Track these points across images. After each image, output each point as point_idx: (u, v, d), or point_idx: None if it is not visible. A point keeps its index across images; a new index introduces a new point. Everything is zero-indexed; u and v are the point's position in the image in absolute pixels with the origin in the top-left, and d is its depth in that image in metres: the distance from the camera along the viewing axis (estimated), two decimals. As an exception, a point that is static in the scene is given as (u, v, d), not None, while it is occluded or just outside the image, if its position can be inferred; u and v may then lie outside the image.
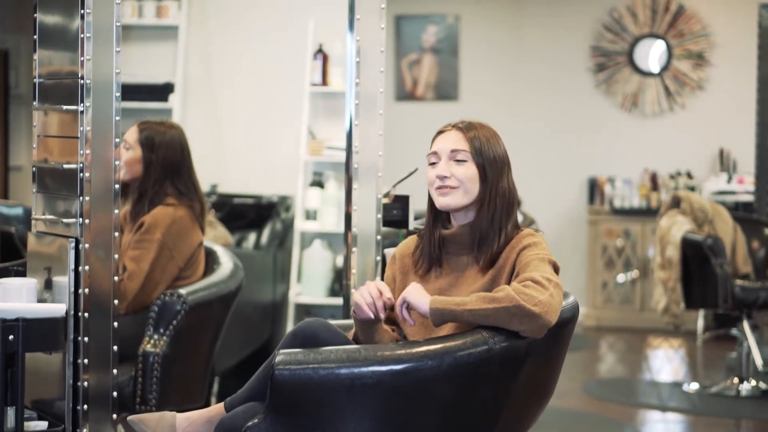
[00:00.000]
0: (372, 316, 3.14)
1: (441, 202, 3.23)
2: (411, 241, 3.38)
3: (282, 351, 2.96)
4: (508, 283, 3.10)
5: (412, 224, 4.12)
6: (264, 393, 3.04)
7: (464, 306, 3.00)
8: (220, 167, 7.18)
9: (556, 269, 3.12)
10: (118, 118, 3.60)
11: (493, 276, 3.17)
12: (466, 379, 2.95)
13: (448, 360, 2.92)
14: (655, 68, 10.15)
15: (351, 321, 3.28)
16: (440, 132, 3.29)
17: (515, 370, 3.02)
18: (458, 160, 3.22)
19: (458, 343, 2.95)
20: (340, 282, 6.82)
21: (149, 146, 4.49)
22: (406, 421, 2.94)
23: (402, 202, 4.10)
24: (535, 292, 2.98)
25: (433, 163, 3.26)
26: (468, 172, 3.21)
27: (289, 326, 6.76)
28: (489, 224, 3.21)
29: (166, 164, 4.50)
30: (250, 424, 2.97)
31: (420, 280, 3.27)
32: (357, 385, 2.89)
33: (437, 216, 3.29)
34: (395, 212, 4.10)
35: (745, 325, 6.98)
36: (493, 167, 3.22)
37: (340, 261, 6.92)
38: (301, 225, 6.93)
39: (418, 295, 3.08)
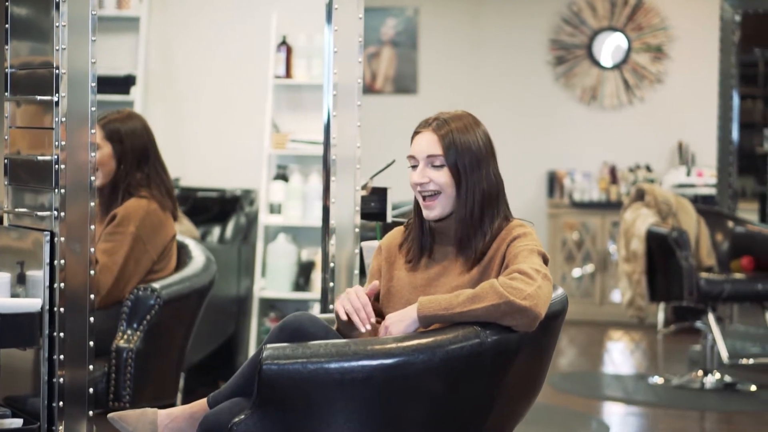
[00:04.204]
0: (363, 330, 3.09)
1: (427, 215, 3.18)
2: (397, 232, 3.34)
3: (269, 345, 2.90)
4: (498, 274, 3.06)
5: (390, 216, 4.07)
6: (249, 388, 2.98)
7: (453, 310, 2.96)
8: (183, 160, 7.09)
9: (546, 260, 3.09)
10: (93, 108, 3.55)
11: (483, 267, 3.13)
12: (457, 373, 2.91)
13: (440, 354, 2.88)
14: (614, 61, 10.17)
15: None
16: (417, 132, 3.22)
17: (507, 364, 2.99)
18: (435, 166, 3.17)
19: (450, 337, 2.91)
20: (305, 276, 6.77)
21: (117, 139, 4.39)
22: (396, 416, 2.90)
23: (380, 194, 4.06)
24: (522, 284, 2.94)
25: (413, 166, 3.21)
26: (446, 177, 3.16)
27: (254, 321, 6.70)
28: (470, 218, 3.16)
29: (136, 151, 4.43)
30: (236, 420, 2.91)
31: (409, 269, 3.23)
32: (347, 379, 2.84)
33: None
34: (373, 205, 4.06)
35: (710, 317, 7.00)
36: (469, 162, 3.15)
37: (304, 255, 6.87)
38: (265, 219, 6.86)
39: (402, 326, 3.00)
